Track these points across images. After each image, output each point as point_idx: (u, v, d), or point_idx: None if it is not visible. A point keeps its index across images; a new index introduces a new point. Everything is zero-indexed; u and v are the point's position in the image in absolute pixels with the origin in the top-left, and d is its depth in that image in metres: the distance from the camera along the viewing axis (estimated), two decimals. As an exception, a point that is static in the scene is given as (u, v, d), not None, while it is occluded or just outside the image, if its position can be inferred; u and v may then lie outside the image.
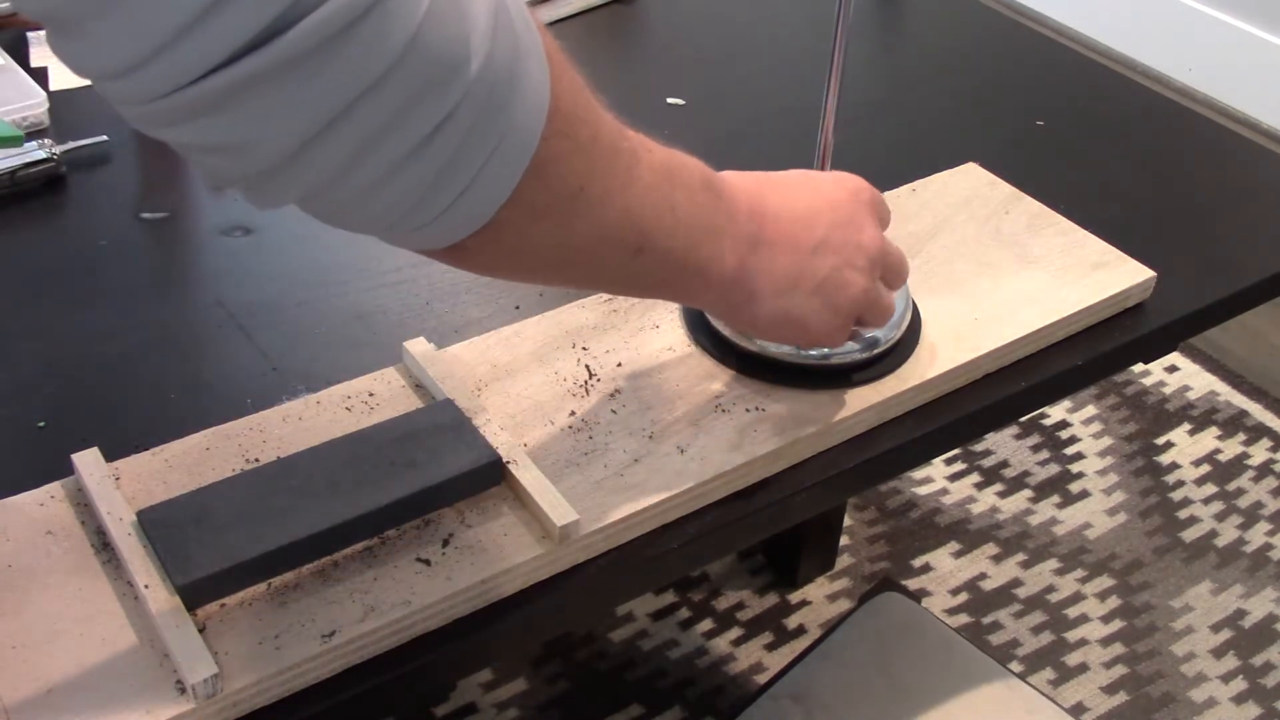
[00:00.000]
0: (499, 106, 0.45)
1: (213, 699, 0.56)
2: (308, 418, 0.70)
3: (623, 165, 0.53)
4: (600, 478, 0.67)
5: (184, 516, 0.61)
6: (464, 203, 0.47)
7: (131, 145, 0.97)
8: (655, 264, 0.57)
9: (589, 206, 0.52)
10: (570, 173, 0.50)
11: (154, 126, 0.43)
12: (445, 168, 0.45)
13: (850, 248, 0.65)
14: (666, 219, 0.56)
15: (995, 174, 0.93)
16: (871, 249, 0.66)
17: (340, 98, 0.41)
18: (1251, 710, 1.44)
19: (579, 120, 0.50)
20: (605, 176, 0.52)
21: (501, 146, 0.46)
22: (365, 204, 0.46)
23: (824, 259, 0.64)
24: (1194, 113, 1.10)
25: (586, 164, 0.51)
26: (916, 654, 1.01)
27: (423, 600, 0.60)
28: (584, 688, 1.41)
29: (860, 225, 0.66)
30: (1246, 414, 1.82)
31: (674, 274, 0.59)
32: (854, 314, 0.67)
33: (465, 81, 0.44)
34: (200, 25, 0.38)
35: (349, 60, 0.41)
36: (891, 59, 1.15)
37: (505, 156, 0.47)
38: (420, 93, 0.43)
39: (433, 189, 0.46)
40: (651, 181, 0.55)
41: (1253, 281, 0.89)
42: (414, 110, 0.43)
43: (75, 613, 0.59)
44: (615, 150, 0.53)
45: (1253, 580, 1.58)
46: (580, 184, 0.51)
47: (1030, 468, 1.71)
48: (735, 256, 0.61)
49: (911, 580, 1.56)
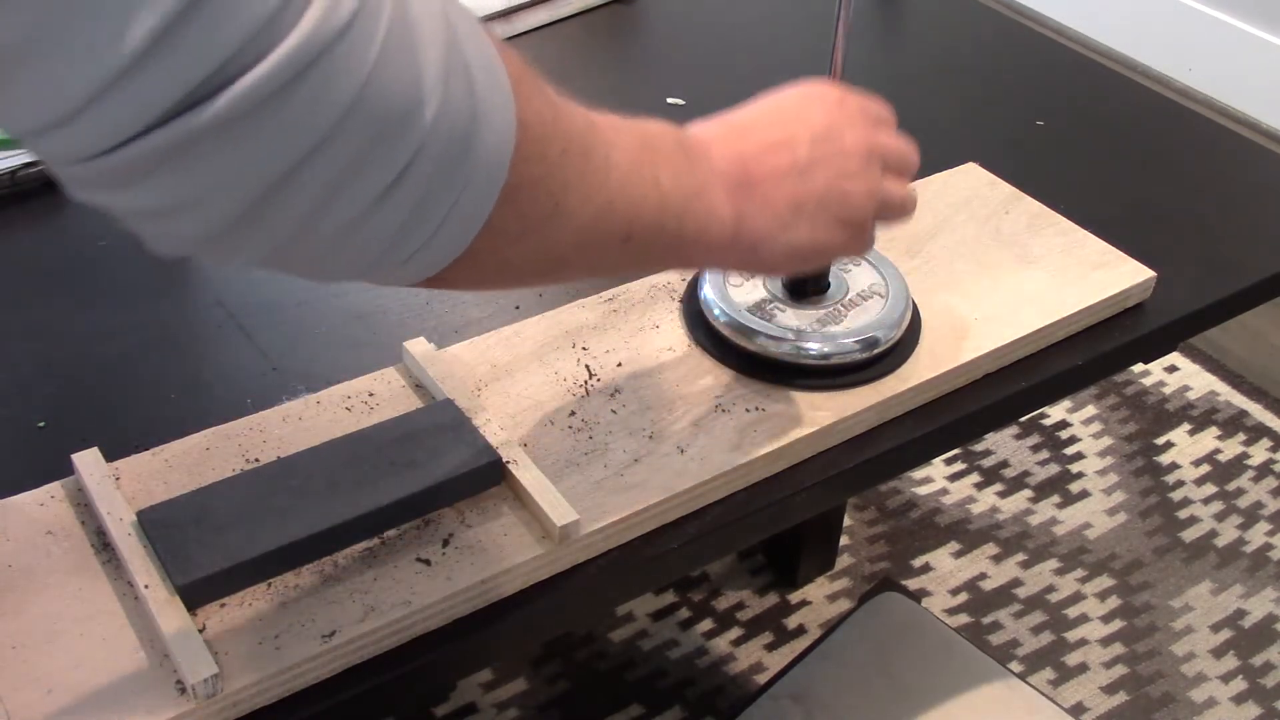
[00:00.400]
0: (461, 147, 0.44)
1: (213, 699, 0.56)
2: (308, 418, 0.70)
3: (597, 163, 0.52)
4: (600, 478, 0.67)
5: (184, 516, 0.61)
6: (436, 242, 0.46)
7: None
8: (650, 243, 0.56)
9: (568, 216, 0.51)
10: (544, 193, 0.49)
11: (89, 190, 0.40)
12: (411, 214, 0.44)
13: (837, 158, 0.63)
14: (652, 197, 0.55)
15: (995, 174, 0.93)
16: (858, 151, 0.64)
17: (286, 156, 0.39)
18: (1251, 710, 1.44)
19: (548, 139, 0.49)
20: (580, 183, 0.51)
21: (469, 185, 0.45)
22: (331, 257, 0.44)
23: (815, 178, 0.62)
24: (1194, 113, 1.10)
25: (560, 179, 0.50)
26: (916, 654, 1.01)
27: (423, 600, 0.60)
28: (584, 688, 1.41)
29: (840, 132, 0.64)
30: (1246, 414, 1.82)
31: (672, 246, 0.58)
32: (867, 220, 0.65)
33: (421, 128, 0.42)
34: (130, 78, 0.36)
35: (293, 117, 0.38)
36: (891, 59, 1.15)
37: (473, 193, 0.45)
38: (374, 144, 0.41)
39: (400, 235, 0.44)
40: (629, 166, 0.54)
41: (1253, 281, 0.89)
42: (369, 163, 0.41)
43: (75, 613, 0.59)
44: (588, 153, 0.52)
45: (1253, 580, 1.58)
46: (555, 199, 0.50)
47: (1030, 468, 1.71)
48: (730, 208, 0.59)
49: (911, 580, 1.56)
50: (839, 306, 0.77)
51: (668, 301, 0.80)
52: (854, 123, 0.65)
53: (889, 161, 0.66)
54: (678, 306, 0.79)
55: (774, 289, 0.78)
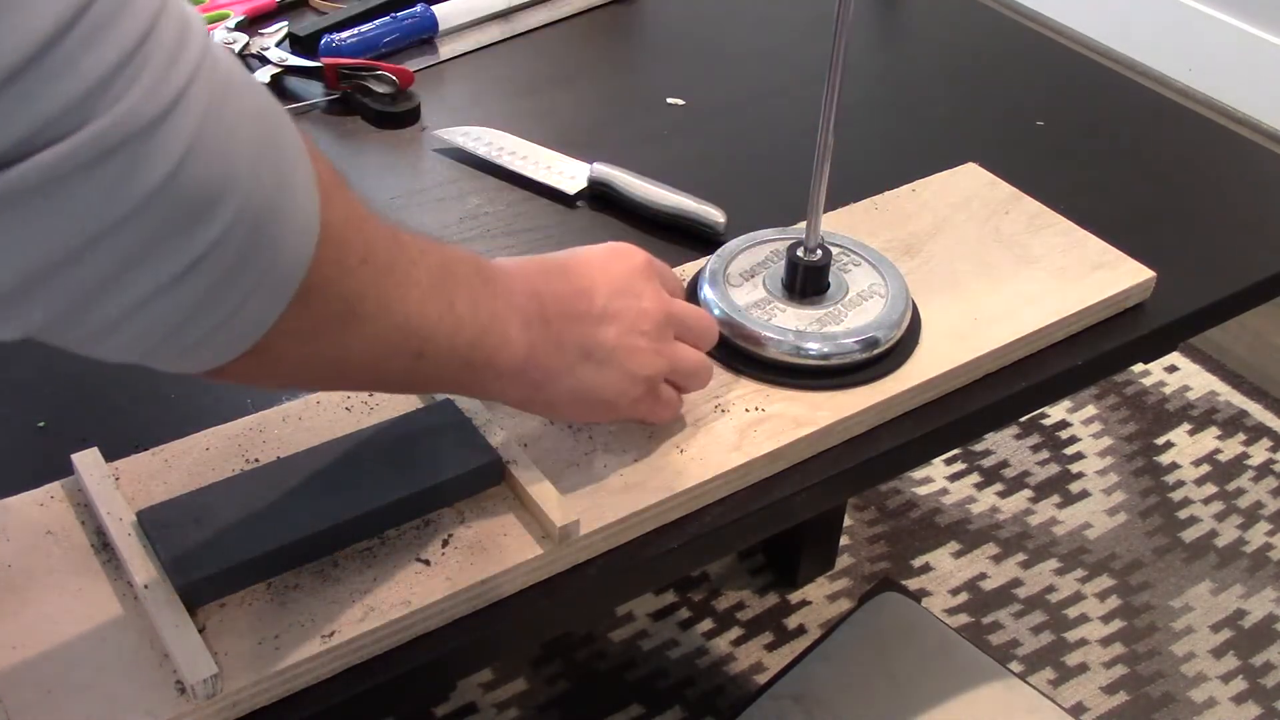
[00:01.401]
0: (261, 242, 0.43)
1: (213, 699, 0.56)
2: (308, 418, 0.70)
3: (396, 279, 0.52)
4: (600, 478, 0.67)
5: (184, 516, 0.61)
6: (221, 336, 0.45)
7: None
8: (441, 363, 0.57)
9: (361, 323, 0.51)
10: (338, 297, 0.49)
11: None
12: (198, 306, 0.43)
13: (633, 313, 0.65)
14: (447, 319, 0.55)
15: (995, 174, 0.93)
16: (656, 313, 0.66)
17: (75, 234, 0.38)
18: (1251, 710, 1.44)
19: (348, 245, 0.49)
20: (377, 293, 0.51)
21: (263, 282, 0.44)
22: (108, 338, 0.43)
23: (608, 328, 0.64)
24: (1194, 113, 1.10)
25: (356, 286, 0.50)
26: (916, 654, 1.01)
27: (423, 600, 0.60)
28: (584, 688, 1.41)
29: (640, 292, 0.66)
30: (1246, 414, 1.82)
31: (462, 369, 0.58)
32: (654, 379, 0.66)
33: (221, 223, 0.41)
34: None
35: (89, 197, 0.38)
36: (891, 59, 1.15)
37: (267, 291, 0.45)
38: (170, 233, 0.40)
39: (184, 325, 0.43)
40: (428, 285, 0.54)
41: (1253, 281, 0.89)
42: (162, 250, 0.40)
43: (75, 613, 0.59)
44: (388, 267, 0.52)
45: (1253, 580, 1.58)
46: (350, 305, 0.50)
47: (1030, 468, 1.71)
48: (522, 340, 0.60)
49: (911, 580, 1.56)
50: (839, 306, 0.77)
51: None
52: (654, 289, 0.67)
53: (687, 328, 0.69)
54: (678, 306, 0.79)
55: (774, 289, 0.78)
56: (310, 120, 1.00)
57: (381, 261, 0.51)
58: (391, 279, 0.52)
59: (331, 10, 1.12)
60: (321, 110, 1.02)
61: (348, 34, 1.06)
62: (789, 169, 0.95)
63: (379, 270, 0.51)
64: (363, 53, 1.06)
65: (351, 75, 1.01)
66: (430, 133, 0.99)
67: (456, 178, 0.94)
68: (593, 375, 0.64)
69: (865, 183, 0.91)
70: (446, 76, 1.08)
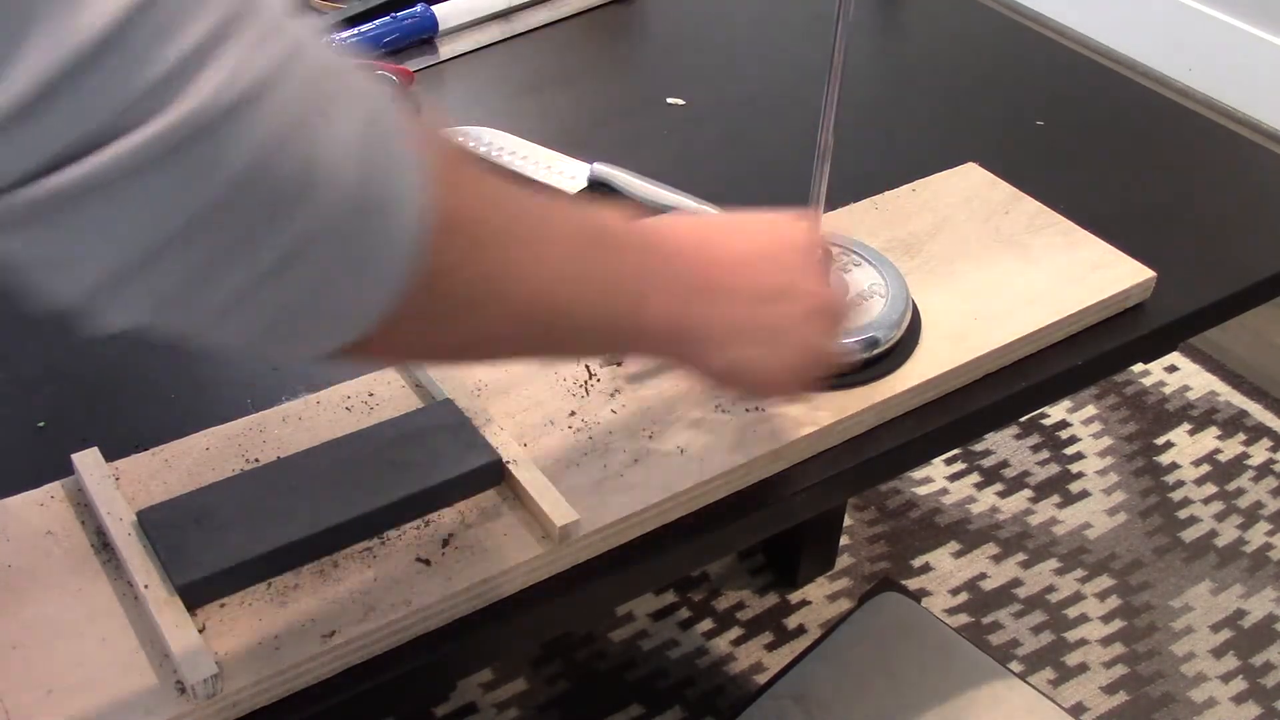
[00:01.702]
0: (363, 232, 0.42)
1: (213, 699, 0.56)
2: (308, 418, 0.70)
3: (530, 254, 0.51)
4: (600, 478, 0.67)
5: (184, 516, 0.61)
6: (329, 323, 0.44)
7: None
8: (580, 332, 0.55)
9: (488, 304, 0.50)
10: (464, 281, 0.48)
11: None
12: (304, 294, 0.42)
13: (807, 296, 0.63)
14: (586, 289, 0.54)
15: (995, 174, 0.93)
16: (818, 300, 0.64)
17: (172, 219, 0.38)
18: (1251, 710, 1.44)
19: (476, 227, 0.48)
20: (507, 272, 0.50)
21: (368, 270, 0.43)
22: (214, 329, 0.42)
23: (779, 306, 0.62)
24: (1194, 113, 1.10)
25: (484, 269, 0.49)
26: (916, 654, 1.01)
27: (423, 600, 0.60)
28: (584, 688, 1.41)
29: (806, 273, 0.64)
30: (1246, 414, 1.82)
31: (605, 338, 0.57)
32: (809, 366, 0.65)
33: (319, 210, 0.40)
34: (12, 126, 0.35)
35: (175, 184, 0.37)
36: (891, 59, 1.15)
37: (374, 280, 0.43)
38: (262, 220, 0.39)
39: (291, 314, 0.42)
40: (566, 254, 0.53)
41: (1253, 281, 0.89)
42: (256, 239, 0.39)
43: (75, 613, 0.59)
44: (521, 242, 0.51)
45: (1253, 580, 1.58)
46: (477, 288, 0.49)
47: (1030, 468, 1.71)
48: (675, 308, 0.58)
49: (911, 580, 1.56)
50: (839, 306, 0.77)
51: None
52: (817, 269, 0.65)
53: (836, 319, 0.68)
54: (678, 306, 0.79)
55: (774, 289, 0.78)
56: (310, 120, 1.00)
57: (513, 238, 0.50)
58: (525, 255, 0.51)
59: (331, 10, 1.12)
60: (321, 110, 1.01)
61: (348, 34, 1.06)
62: (789, 169, 0.95)
63: (510, 248, 0.50)
64: (363, 53, 1.06)
65: (351, 75, 1.01)
66: (430, 133, 0.98)
67: (456, 178, 0.94)
68: (751, 354, 0.62)
69: (865, 183, 0.91)
70: (446, 76, 1.08)
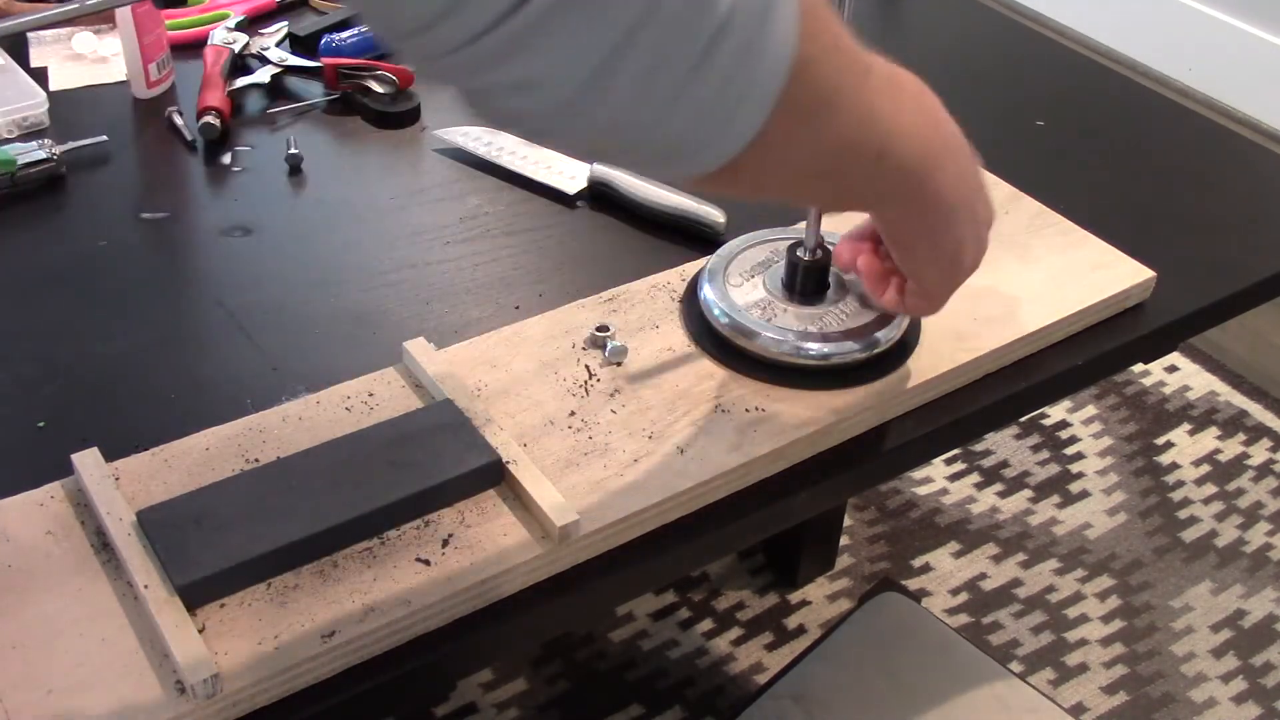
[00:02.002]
0: (759, 22, 0.47)
1: (213, 699, 0.56)
2: (308, 418, 0.70)
3: (860, 69, 0.55)
4: (600, 478, 0.67)
5: (184, 516, 0.61)
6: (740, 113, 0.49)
7: (131, 145, 0.97)
8: (893, 170, 0.59)
9: (838, 111, 0.53)
10: (823, 75, 0.52)
11: (453, 77, 0.46)
12: (716, 92, 0.47)
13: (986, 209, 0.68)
14: (901, 123, 0.58)
15: (995, 174, 0.93)
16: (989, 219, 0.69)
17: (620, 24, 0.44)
18: (1251, 710, 1.44)
19: (822, 25, 0.51)
20: (849, 80, 0.54)
21: (767, 51, 0.48)
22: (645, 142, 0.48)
23: (978, 208, 0.67)
24: (1194, 113, 1.10)
25: (834, 67, 0.52)
26: (916, 654, 1.01)
27: (423, 600, 0.60)
28: (584, 688, 1.41)
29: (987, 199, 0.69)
30: (1246, 414, 1.82)
31: (908, 181, 0.61)
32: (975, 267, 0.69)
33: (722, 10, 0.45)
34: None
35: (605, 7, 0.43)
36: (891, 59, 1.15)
37: (771, 62, 0.48)
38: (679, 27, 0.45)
39: (706, 115, 0.48)
40: (882, 87, 0.57)
41: (1253, 281, 0.89)
42: (676, 45, 0.45)
43: (75, 613, 0.59)
44: (854, 54, 0.54)
45: (1253, 580, 1.58)
46: (833, 85, 0.52)
47: (1030, 468, 1.71)
48: (951, 170, 0.63)
49: (911, 580, 1.56)
50: (839, 306, 0.77)
51: (668, 301, 0.80)
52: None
53: None
54: (678, 306, 0.79)
55: (774, 289, 0.78)
56: (310, 120, 1.00)
57: (848, 47, 0.53)
58: (857, 68, 0.54)
59: (331, 10, 1.12)
60: (321, 110, 1.02)
61: (348, 34, 1.06)
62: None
63: (848, 56, 0.53)
64: (363, 53, 1.06)
65: (351, 75, 1.01)
66: (430, 133, 0.99)
67: (456, 178, 0.94)
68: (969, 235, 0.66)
69: (865, 183, 0.91)
70: (446, 76, 1.08)
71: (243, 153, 0.96)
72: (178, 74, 1.04)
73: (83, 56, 1.05)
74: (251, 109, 1.01)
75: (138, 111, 1.00)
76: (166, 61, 1.02)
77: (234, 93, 1.00)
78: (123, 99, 1.01)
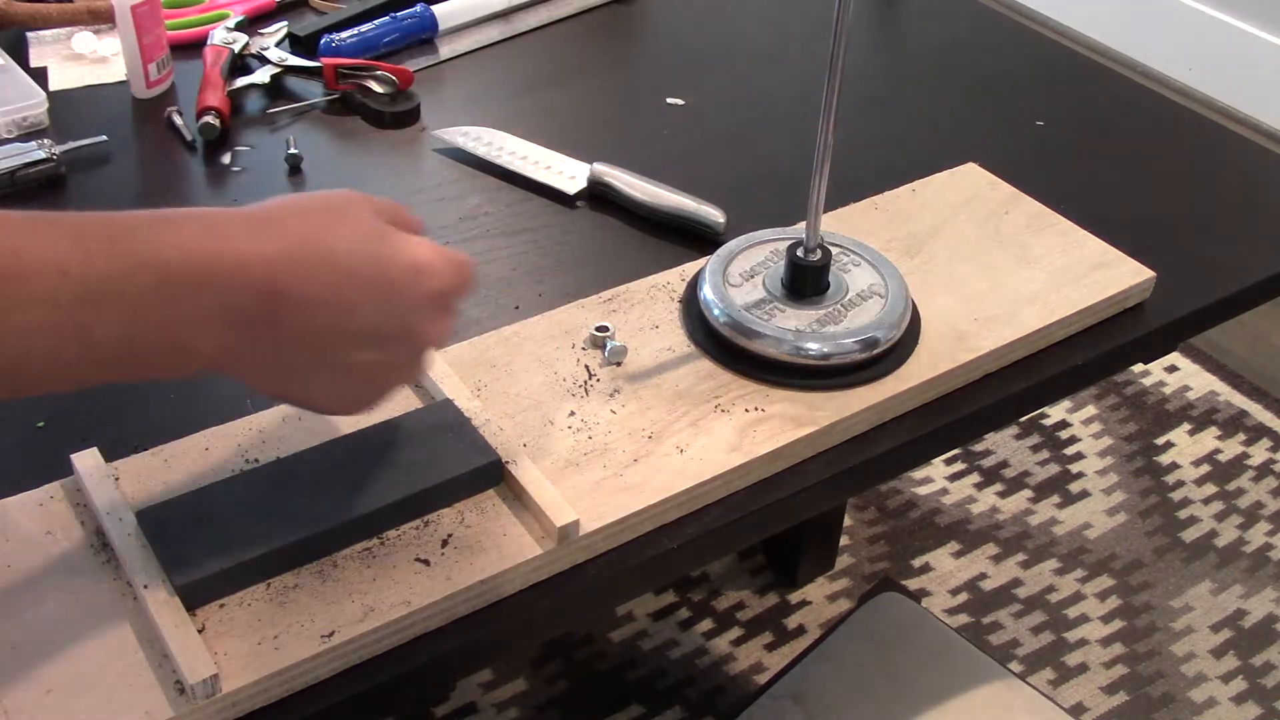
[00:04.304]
0: None
1: (212, 699, 0.56)
2: (308, 418, 0.70)
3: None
4: (600, 478, 0.67)
5: (184, 516, 0.61)
6: None
7: (131, 145, 0.97)
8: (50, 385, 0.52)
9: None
10: None
11: None
12: None
13: (396, 343, 0.57)
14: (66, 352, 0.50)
15: (995, 174, 0.93)
16: (421, 345, 0.59)
17: None
18: (1251, 710, 1.44)
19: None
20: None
21: None
22: None
23: (362, 352, 0.56)
24: (1194, 113, 1.10)
25: None
26: (916, 654, 1.01)
27: (422, 600, 0.60)
28: (584, 688, 1.41)
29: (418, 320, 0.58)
30: (1246, 414, 1.82)
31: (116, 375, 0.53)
32: (377, 400, 0.60)
33: None
34: None
35: None
36: (891, 59, 1.15)
37: None
38: None
39: None
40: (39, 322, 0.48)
41: (1253, 281, 0.89)
42: None
43: (75, 613, 0.59)
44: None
45: (1253, 580, 1.58)
46: None
47: (1030, 468, 1.71)
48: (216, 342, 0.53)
49: (911, 580, 1.56)
50: (839, 306, 0.77)
51: (668, 301, 0.80)
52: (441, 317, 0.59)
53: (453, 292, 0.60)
54: (678, 306, 0.79)
55: (774, 289, 0.78)
56: (310, 120, 1.00)
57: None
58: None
59: (331, 10, 1.12)
60: (321, 110, 1.02)
61: (347, 34, 1.06)
62: (789, 169, 0.95)
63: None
64: (363, 53, 1.06)
65: (351, 75, 1.01)
66: (430, 133, 0.99)
67: (456, 178, 0.94)
68: (311, 386, 0.57)
69: (865, 183, 0.91)
70: (446, 76, 1.08)
71: (242, 153, 0.96)
72: (177, 74, 1.04)
73: (82, 56, 1.05)
74: (251, 109, 1.01)
75: (137, 111, 1.00)
76: (166, 61, 1.02)
77: (234, 93, 1.00)
78: (122, 99, 1.01)
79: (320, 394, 0.58)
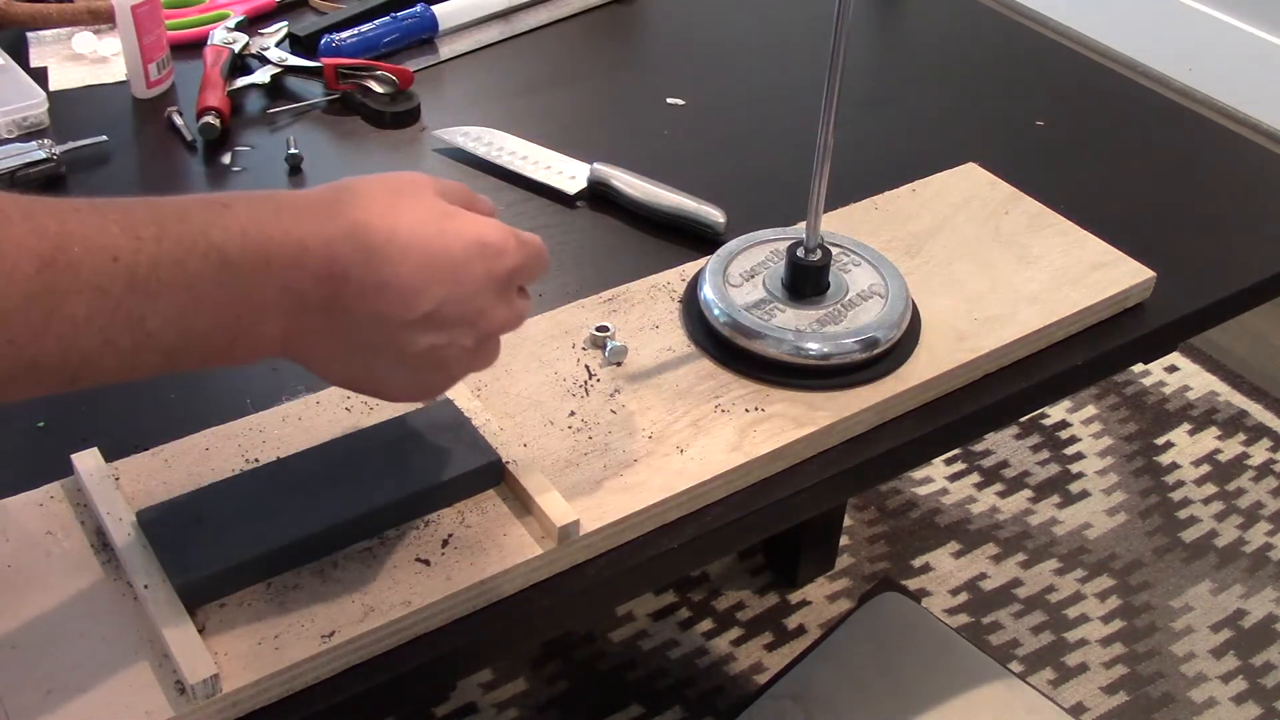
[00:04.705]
0: None
1: (213, 699, 0.56)
2: (308, 418, 0.70)
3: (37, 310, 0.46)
4: (600, 478, 0.67)
5: (184, 516, 0.61)
6: None
7: (131, 145, 0.97)
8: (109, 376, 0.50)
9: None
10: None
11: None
12: None
13: (463, 327, 0.56)
14: (120, 341, 0.48)
15: (995, 174, 0.93)
16: (489, 329, 0.57)
17: None
18: (1251, 710, 1.44)
19: None
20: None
21: None
22: None
23: (426, 335, 0.55)
24: (1194, 113, 1.10)
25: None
26: (916, 654, 1.01)
27: (423, 600, 0.60)
28: (584, 688, 1.41)
29: (485, 302, 0.56)
30: (1246, 414, 1.82)
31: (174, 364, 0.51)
32: (447, 387, 0.59)
33: None
34: None
35: None
36: (891, 59, 1.15)
37: None
38: None
39: None
40: (90, 311, 0.47)
41: (1253, 281, 0.89)
42: None
43: (75, 613, 0.59)
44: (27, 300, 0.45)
45: (1253, 580, 1.58)
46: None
47: (1030, 468, 1.71)
48: (278, 329, 0.52)
49: (911, 580, 1.56)
50: (839, 306, 0.77)
51: (668, 301, 0.80)
52: (505, 300, 0.58)
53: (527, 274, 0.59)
54: (678, 306, 0.79)
55: (774, 289, 0.78)
56: (310, 120, 1.00)
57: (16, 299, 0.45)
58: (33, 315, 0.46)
59: (331, 10, 1.12)
60: (321, 110, 1.02)
61: (348, 34, 1.06)
62: (789, 169, 0.95)
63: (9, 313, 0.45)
64: (363, 53, 1.06)
65: (351, 75, 1.01)
66: (430, 133, 0.99)
67: (456, 178, 0.94)
68: (378, 373, 0.55)
69: (865, 183, 0.91)
70: (446, 76, 1.08)
71: (242, 153, 0.96)
72: (178, 74, 1.04)
73: (82, 56, 1.05)
74: (251, 109, 1.01)
75: (137, 111, 1.00)
76: (166, 61, 1.02)
77: (234, 93, 1.00)
78: (122, 99, 1.01)
79: (388, 382, 0.56)
